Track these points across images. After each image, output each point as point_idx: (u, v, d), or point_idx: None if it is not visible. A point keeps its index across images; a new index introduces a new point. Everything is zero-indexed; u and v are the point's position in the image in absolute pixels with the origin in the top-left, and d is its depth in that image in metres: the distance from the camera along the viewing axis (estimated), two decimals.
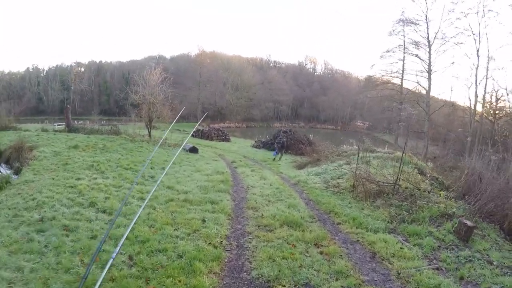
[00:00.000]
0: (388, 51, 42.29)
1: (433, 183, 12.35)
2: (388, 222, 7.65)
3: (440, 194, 9.35)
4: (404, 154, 11.97)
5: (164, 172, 7.99)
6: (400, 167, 10.16)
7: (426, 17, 37.04)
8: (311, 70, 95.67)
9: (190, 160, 16.36)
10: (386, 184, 9.94)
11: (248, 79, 76.23)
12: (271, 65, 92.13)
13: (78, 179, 9.86)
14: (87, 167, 11.78)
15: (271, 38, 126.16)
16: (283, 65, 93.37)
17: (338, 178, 12.69)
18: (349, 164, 14.77)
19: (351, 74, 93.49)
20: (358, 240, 6.51)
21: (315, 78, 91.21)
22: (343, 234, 6.86)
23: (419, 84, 39.48)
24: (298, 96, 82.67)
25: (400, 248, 6.15)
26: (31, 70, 76.15)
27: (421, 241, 6.53)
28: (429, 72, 38.07)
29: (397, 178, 9.90)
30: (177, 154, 11.89)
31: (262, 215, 7.40)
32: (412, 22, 38.27)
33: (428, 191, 9.88)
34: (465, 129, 36.52)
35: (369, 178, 10.33)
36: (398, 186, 9.78)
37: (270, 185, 10.89)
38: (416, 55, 38.89)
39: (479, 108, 35.47)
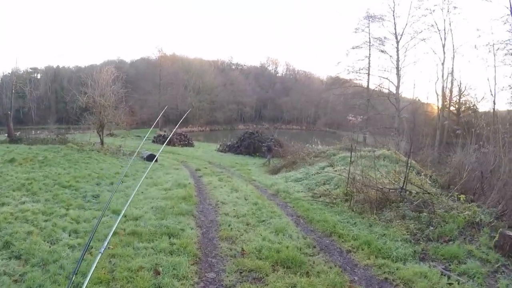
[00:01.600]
0: (354, 48, 41.12)
1: (429, 183, 10.68)
2: (413, 243, 5.68)
3: (459, 198, 7.47)
4: (410, 153, 10.09)
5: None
6: (407, 168, 8.26)
7: (394, 12, 36.40)
8: (273, 71, 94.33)
9: (147, 170, 13.88)
10: (393, 190, 7.97)
11: (210, 81, 73.63)
12: (233, 67, 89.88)
13: (3, 204, 7.55)
14: (18, 187, 9.25)
15: (232, 40, 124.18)
16: (245, 67, 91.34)
17: (324, 183, 10.70)
18: (332, 166, 12.88)
19: (313, 75, 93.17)
20: (386, 278, 4.51)
21: (277, 79, 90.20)
22: (361, 269, 4.80)
23: (389, 80, 38.61)
24: (261, 98, 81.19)
25: (448, 284, 4.28)
26: None
27: (465, 266, 4.73)
28: (398, 68, 37.46)
29: (405, 181, 7.98)
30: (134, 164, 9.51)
31: (243, 250, 5.11)
32: (380, 18, 37.60)
33: (439, 195, 8.07)
34: (432, 123, 36.22)
35: (369, 183, 8.35)
36: (405, 191, 7.87)
37: (245, 199, 8.67)
38: (384, 51, 38.07)
39: (441, 102, 35.41)
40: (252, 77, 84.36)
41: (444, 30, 32.40)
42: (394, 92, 38.75)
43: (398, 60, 37.72)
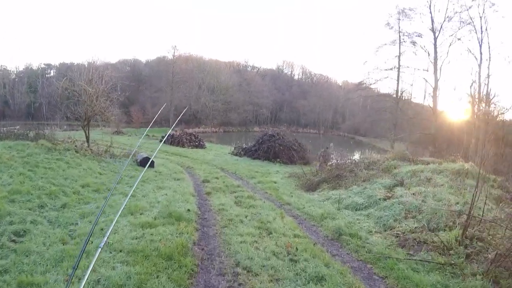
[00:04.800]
0: (383, 46, 36.93)
1: None
2: None
3: None
4: None
5: None
6: None
7: (430, 5, 32.32)
8: (289, 74, 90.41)
9: (135, 180, 9.87)
10: None
11: (225, 81, 69.82)
12: (249, 68, 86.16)
13: None
14: None
15: (247, 43, 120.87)
16: (261, 68, 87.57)
17: (406, 217, 6.58)
18: (402, 185, 8.72)
19: (330, 79, 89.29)
20: None
21: (294, 82, 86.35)
22: None
23: (426, 80, 34.32)
24: (278, 100, 77.29)
25: None
26: None
27: None
28: (436, 66, 33.16)
29: None
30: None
31: None
32: (412, 11, 33.67)
33: None
34: (467, 130, 32.01)
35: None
36: None
37: (292, 258, 4.52)
38: (423, 47, 33.88)
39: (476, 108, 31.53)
40: (269, 79, 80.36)
41: (481, 29, 28.54)
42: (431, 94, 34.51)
43: (436, 58, 33.50)
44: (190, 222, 5.84)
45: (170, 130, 14.55)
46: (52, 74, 70.51)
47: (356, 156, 31.18)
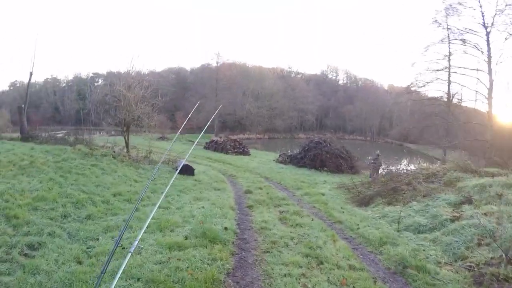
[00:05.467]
0: (434, 44, 34.28)
1: None
2: None
3: None
4: None
5: None
6: None
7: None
8: (334, 78, 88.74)
9: (172, 190, 9.26)
10: None
11: (269, 87, 69.38)
12: (293, 74, 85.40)
13: None
14: None
15: (291, 50, 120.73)
16: (305, 74, 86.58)
17: (480, 244, 5.41)
18: (471, 202, 7.43)
19: (376, 83, 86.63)
20: None
21: (339, 87, 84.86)
22: None
23: (480, 80, 31.50)
24: (323, 105, 75.98)
25: None
26: (49, 80, 75.33)
27: None
28: (489, 65, 30.27)
29: None
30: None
31: None
32: (464, 6, 30.90)
33: None
34: None
35: None
36: None
37: None
38: (477, 45, 30.97)
39: None
40: (313, 84, 79.17)
41: None
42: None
43: (489, 57, 30.60)
44: (226, 245, 5.04)
45: (202, 133, 13.97)
46: (100, 82, 74.36)
47: (403, 164, 29.16)
